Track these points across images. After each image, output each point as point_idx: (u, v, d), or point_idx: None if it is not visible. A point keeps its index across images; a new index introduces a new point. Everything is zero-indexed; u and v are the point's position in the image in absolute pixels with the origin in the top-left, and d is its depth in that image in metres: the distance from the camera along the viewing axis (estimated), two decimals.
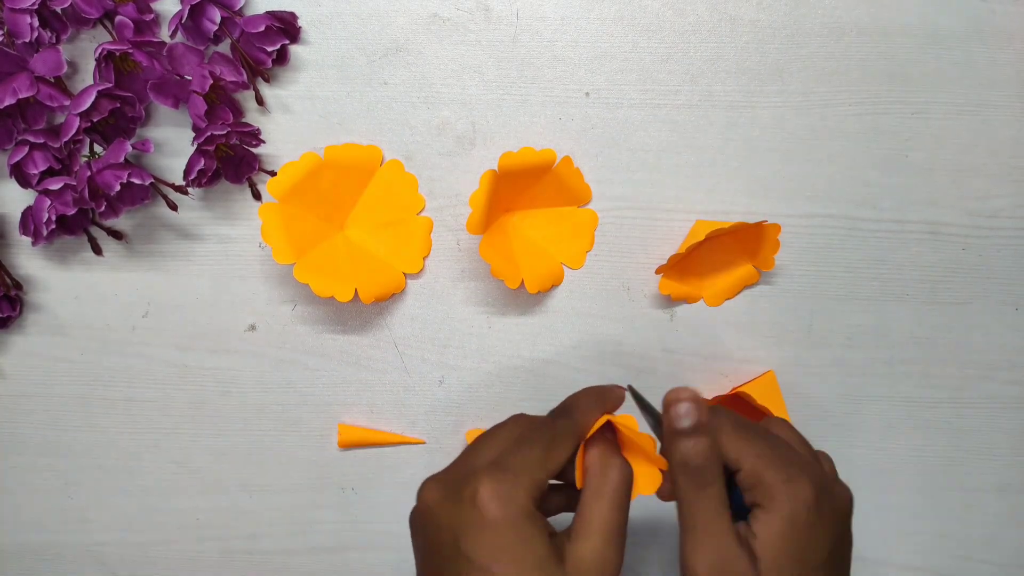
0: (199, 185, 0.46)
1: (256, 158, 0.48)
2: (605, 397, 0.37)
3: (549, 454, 0.34)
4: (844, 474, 0.52)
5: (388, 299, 0.50)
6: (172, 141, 0.48)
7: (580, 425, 0.36)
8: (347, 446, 0.51)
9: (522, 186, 0.48)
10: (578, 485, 0.36)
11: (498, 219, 0.49)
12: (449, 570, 0.32)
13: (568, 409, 0.37)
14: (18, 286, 0.49)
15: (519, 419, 0.38)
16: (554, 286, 0.50)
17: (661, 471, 0.36)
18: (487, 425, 0.51)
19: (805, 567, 0.32)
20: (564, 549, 0.32)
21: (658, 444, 0.37)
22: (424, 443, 0.51)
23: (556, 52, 0.49)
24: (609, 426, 0.37)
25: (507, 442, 0.36)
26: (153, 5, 0.46)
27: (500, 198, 0.47)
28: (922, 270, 0.51)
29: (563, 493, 0.38)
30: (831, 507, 0.34)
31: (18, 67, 0.43)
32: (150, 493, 0.52)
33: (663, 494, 0.37)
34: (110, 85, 0.43)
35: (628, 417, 0.37)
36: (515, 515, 0.32)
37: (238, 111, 0.48)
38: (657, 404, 0.37)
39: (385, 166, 0.49)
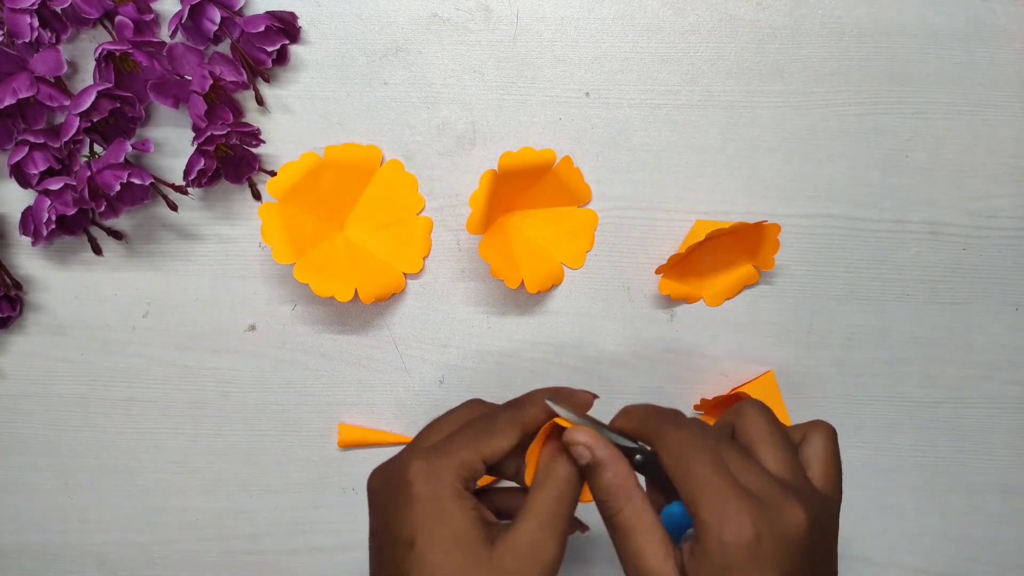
0: (199, 185, 0.46)
1: (256, 158, 0.48)
2: (563, 398, 0.36)
3: (485, 438, 0.34)
4: (845, 474, 0.52)
5: (388, 299, 0.50)
6: (172, 141, 0.48)
7: (525, 415, 0.35)
8: (347, 446, 0.51)
9: (522, 186, 0.48)
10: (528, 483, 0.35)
11: (498, 219, 0.49)
12: (383, 549, 0.33)
13: (519, 401, 0.36)
14: (18, 286, 0.49)
15: (471, 404, 0.38)
16: (554, 286, 0.50)
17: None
18: None
19: None
20: (499, 535, 0.32)
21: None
22: None
23: (556, 52, 0.49)
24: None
25: (453, 428, 0.36)
26: (153, 5, 0.46)
27: (500, 198, 0.47)
28: (922, 270, 0.51)
29: (522, 496, 0.37)
30: (774, 543, 0.29)
31: (18, 67, 0.43)
32: (150, 493, 0.52)
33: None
34: (110, 85, 0.43)
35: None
36: (440, 491, 0.32)
37: (238, 111, 0.48)
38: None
39: (385, 166, 0.49)
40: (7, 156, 0.44)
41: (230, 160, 0.47)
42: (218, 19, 0.44)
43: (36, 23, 0.43)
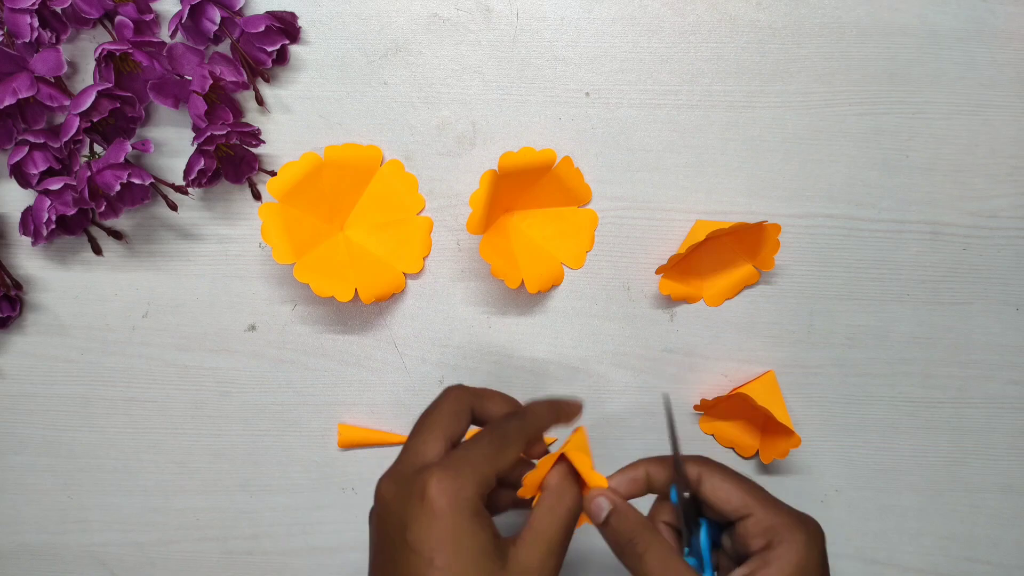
0: (199, 185, 0.46)
1: (256, 158, 0.48)
2: (559, 408, 0.39)
3: (498, 452, 0.35)
4: (845, 474, 0.52)
5: (388, 299, 0.50)
6: (172, 141, 0.48)
7: (531, 427, 0.37)
8: (347, 446, 0.51)
9: (522, 186, 0.48)
10: (528, 496, 0.37)
11: (498, 219, 0.49)
12: (395, 560, 0.33)
13: (521, 412, 0.38)
14: (18, 286, 0.49)
15: (455, 394, 0.39)
16: (554, 286, 0.50)
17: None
18: None
19: None
20: (508, 552, 0.34)
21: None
22: None
23: (556, 52, 0.49)
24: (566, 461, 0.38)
25: (448, 424, 0.37)
26: (153, 5, 0.46)
27: (500, 198, 0.47)
28: (922, 270, 0.51)
29: (510, 494, 0.39)
30: (819, 551, 0.35)
31: (18, 67, 0.43)
32: (150, 493, 0.52)
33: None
34: (110, 85, 0.43)
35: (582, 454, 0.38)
36: (460, 509, 0.33)
37: (238, 111, 0.48)
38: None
39: (385, 166, 0.49)
40: (7, 156, 0.44)
41: (230, 160, 0.47)
42: (218, 19, 0.45)
43: (36, 23, 0.43)
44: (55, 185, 0.43)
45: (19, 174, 0.45)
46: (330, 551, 0.52)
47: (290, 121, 0.49)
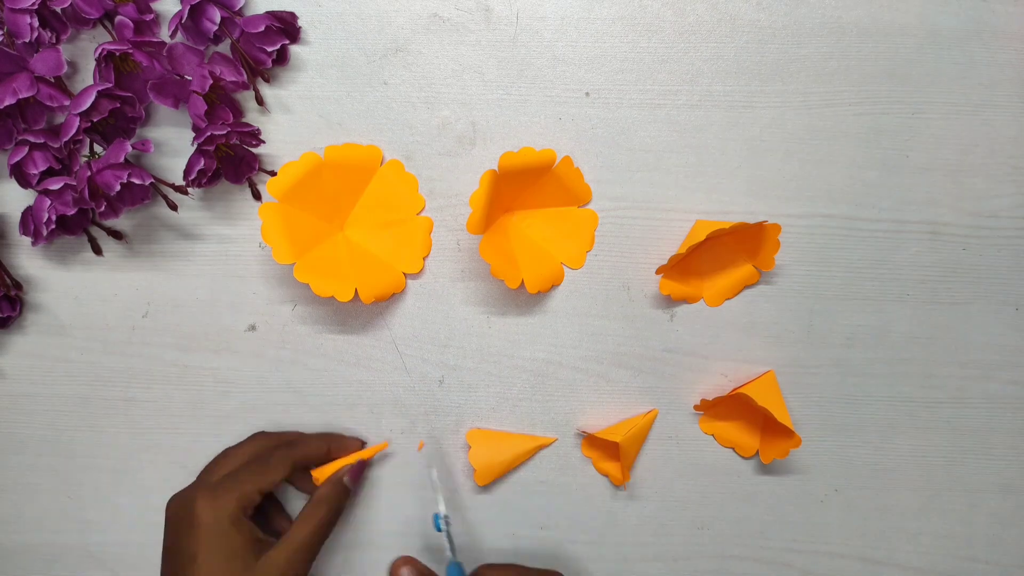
0: (199, 185, 0.46)
1: (256, 158, 0.48)
2: (332, 442, 0.48)
3: (261, 476, 0.44)
4: (845, 474, 0.52)
5: (388, 299, 0.50)
6: (172, 141, 0.48)
7: (297, 455, 0.46)
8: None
9: (522, 186, 0.48)
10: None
11: (498, 219, 0.49)
12: (169, 560, 0.43)
13: (294, 442, 0.47)
14: (18, 286, 0.49)
15: (256, 438, 0.48)
16: (554, 286, 0.50)
17: None
18: (487, 425, 0.51)
19: None
20: (264, 552, 0.42)
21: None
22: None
23: (556, 52, 0.49)
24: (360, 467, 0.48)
25: (240, 460, 0.46)
26: (153, 5, 0.46)
27: (500, 198, 0.47)
28: (922, 270, 0.51)
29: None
30: None
31: (18, 67, 0.43)
32: (150, 493, 0.52)
33: None
34: (110, 85, 0.43)
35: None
36: (220, 520, 0.42)
37: (238, 111, 0.48)
38: None
39: (385, 166, 0.49)
40: (7, 156, 0.44)
41: (230, 160, 0.47)
42: (218, 19, 0.44)
43: (36, 23, 0.43)
44: (55, 185, 0.43)
45: (19, 174, 0.45)
46: (330, 551, 0.52)
47: (290, 121, 0.49)
